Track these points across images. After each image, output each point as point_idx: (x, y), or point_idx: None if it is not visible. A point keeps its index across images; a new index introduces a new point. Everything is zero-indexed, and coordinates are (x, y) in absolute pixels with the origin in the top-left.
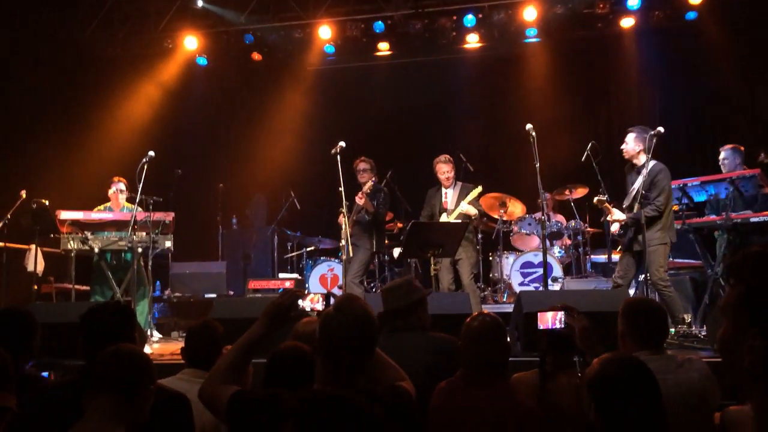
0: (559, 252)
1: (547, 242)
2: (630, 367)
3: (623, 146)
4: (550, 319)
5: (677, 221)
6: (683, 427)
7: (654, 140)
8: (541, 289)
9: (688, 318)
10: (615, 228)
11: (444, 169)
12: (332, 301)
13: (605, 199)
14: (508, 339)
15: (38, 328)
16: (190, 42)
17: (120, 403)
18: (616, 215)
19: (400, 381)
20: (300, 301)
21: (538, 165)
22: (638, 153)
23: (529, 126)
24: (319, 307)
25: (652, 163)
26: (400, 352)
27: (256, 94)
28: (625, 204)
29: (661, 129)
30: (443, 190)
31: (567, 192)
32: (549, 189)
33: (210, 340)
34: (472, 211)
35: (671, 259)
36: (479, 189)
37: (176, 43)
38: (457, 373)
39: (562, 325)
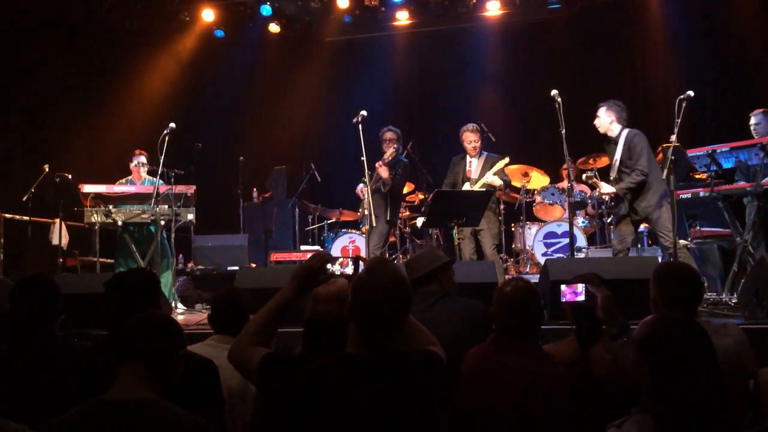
0: (583, 222)
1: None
2: (685, 325)
3: (595, 121)
4: (572, 291)
5: (706, 188)
6: None
7: (684, 104)
8: (566, 257)
9: (705, 281)
10: (607, 191)
11: (471, 138)
12: (361, 265)
13: (593, 174)
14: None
15: (61, 295)
16: (208, 14)
17: (150, 368)
18: (605, 188)
19: (431, 346)
20: (329, 265)
21: (563, 131)
22: (610, 124)
23: (554, 92)
24: (348, 270)
25: (626, 131)
26: (427, 319)
27: (274, 66)
28: (612, 176)
29: (690, 93)
30: (468, 158)
31: (591, 161)
32: (572, 158)
33: (236, 306)
34: (497, 182)
35: (698, 228)
36: (506, 160)
37: (193, 15)
38: (489, 339)
39: (584, 297)
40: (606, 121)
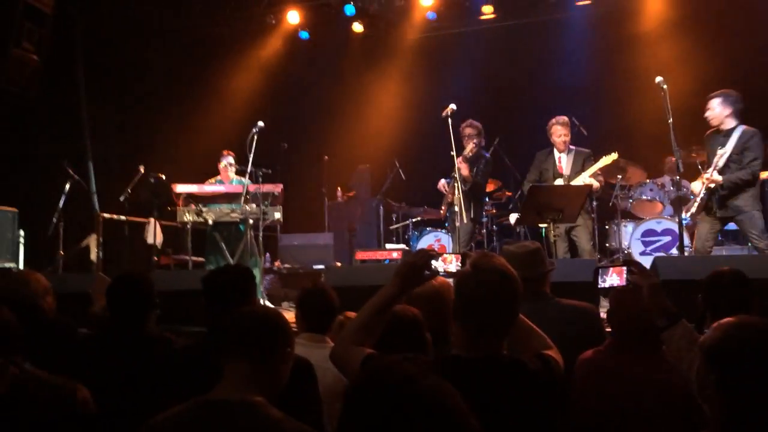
0: (684, 219)
1: (673, 208)
2: (763, 332)
3: (708, 113)
4: (611, 276)
5: None
6: None
7: None
8: (675, 254)
9: None
10: (698, 188)
11: (560, 132)
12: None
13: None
14: None
15: (155, 291)
16: (293, 16)
17: (257, 367)
18: (715, 176)
19: (547, 350)
20: (433, 261)
21: (671, 121)
22: (726, 117)
23: (659, 78)
24: (453, 268)
25: (742, 127)
26: (536, 321)
27: (358, 66)
28: (712, 170)
29: None
30: (556, 154)
31: (693, 154)
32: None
33: (324, 303)
34: (595, 183)
35: None
36: (613, 156)
37: (279, 18)
38: (606, 343)
39: (624, 283)
40: (721, 114)
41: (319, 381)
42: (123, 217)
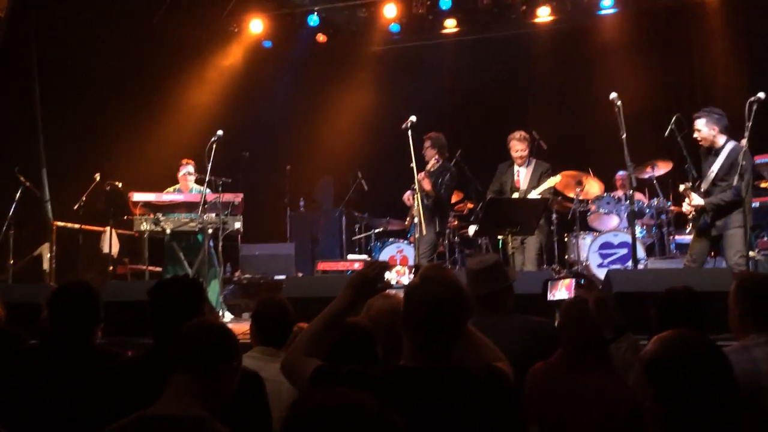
0: (641, 232)
1: (627, 222)
2: (700, 346)
3: (696, 134)
4: (560, 290)
5: None
6: None
7: (755, 107)
8: (629, 267)
9: None
10: (687, 208)
11: (517, 147)
12: None
13: (689, 186)
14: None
15: (101, 302)
16: (256, 25)
17: (199, 381)
18: (695, 200)
19: (497, 361)
20: (386, 273)
21: (624, 136)
22: (715, 136)
23: (613, 95)
24: (405, 280)
25: (731, 144)
26: (493, 335)
27: (321, 76)
28: (704, 188)
29: (761, 95)
30: (515, 167)
31: (648, 168)
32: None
33: (280, 316)
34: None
35: (765, 239)
36: (557, 178)
37: (242, 26)
38: (556, 354)
39: (572, 295)
40: (709, 133)
41: (274, 396)
42: (77, 226)
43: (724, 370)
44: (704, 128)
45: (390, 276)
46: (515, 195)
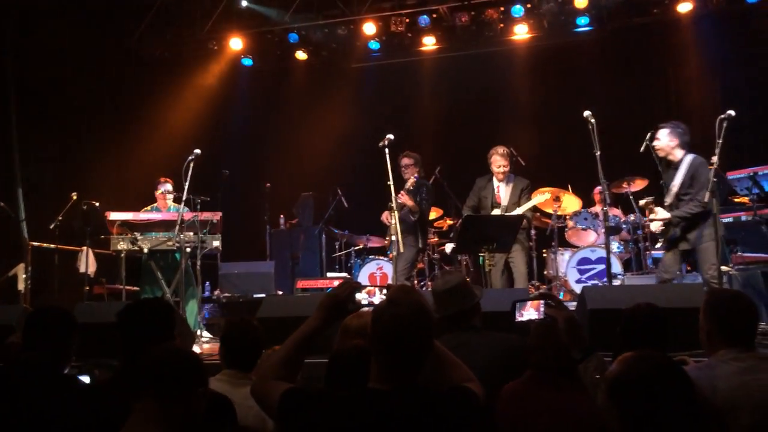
0: (618, 247)
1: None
2: (661, 366)
3: (656, 143)
4: (528, 310)
5: (748, 212)
6: None
7: (725, 124)
8: (604, 283)
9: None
10: (656, 227)
11: (500, 162)
12: None
13: (651, 200)
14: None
15: (76, 328)
16: (236, 43)
17: (164, 407)
18: (661, 214)
19: (467, 381)
20: (357, 294)
21: (598, 153)
22: (673, 149)
23: (587, 113)
24: (377, 300)
25: (689, 157)
26: (462, 354)
27: (301, 93)
28: (667, 202)
29: (731, 112)
30: (495, 182)
31: (625, 184)
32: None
33: (249, 339)
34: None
35: (740, 253)
36: (546, 196)
37: (221, 44)
38: (526, 374)
39: (541, 316)
40: (668, 145)
41: (242, 420)
42: (53, 246)
43: (683, 389)
44: (665, 138)
45: (361, 296)
46: (497, 211)
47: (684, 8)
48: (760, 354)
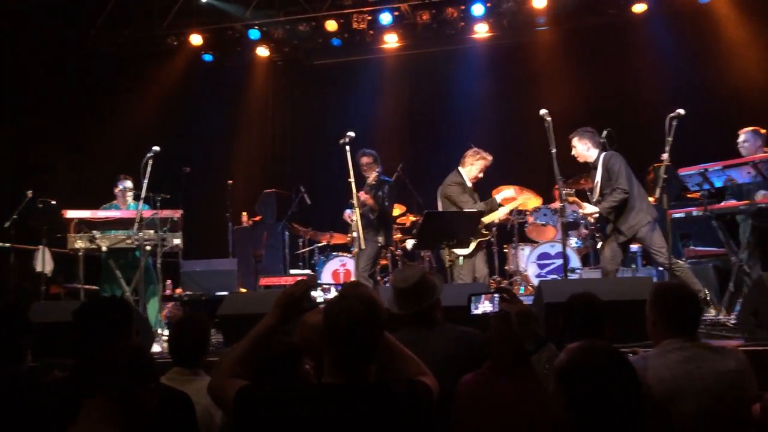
0: (577, 242)
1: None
2: (605, 355)
3: (573, 152)
4: (484, 303)
5: (699, 207)
6: (720, 417)
7: (674, 122)
8: (560, 278)
9: (707, 293)
10: (590, 218)
11: (483, 170)
12: None
13: (572, 192)
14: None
15: (31, 327)
16: (195, 39)
17: (114, 405)
18: (588, 209)
19: (421, 375)
20: (313, 291)
21: (554, 151)
22: (587, 150)
23: (543, 111)
24: (332, 296)
25: (603, 155)
26: (422, 348)
27: (262, 90)
28: (594, 199)
29: (681, 111)
30: (468, 183)
31: (582, 181)
32: (564, 178)
33: (191, 336)
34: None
35: (692, 247)
36: (519, 201)
37: (181, 40)
38: (485, 365)
39: (496, 309)
40: (582, 149)
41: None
42: (8, 245)
43: (626, 377)
44: (578, 145)
45: (316, 294)
46: (481, 205)
47: (638, 8)
48: (703, 344)
